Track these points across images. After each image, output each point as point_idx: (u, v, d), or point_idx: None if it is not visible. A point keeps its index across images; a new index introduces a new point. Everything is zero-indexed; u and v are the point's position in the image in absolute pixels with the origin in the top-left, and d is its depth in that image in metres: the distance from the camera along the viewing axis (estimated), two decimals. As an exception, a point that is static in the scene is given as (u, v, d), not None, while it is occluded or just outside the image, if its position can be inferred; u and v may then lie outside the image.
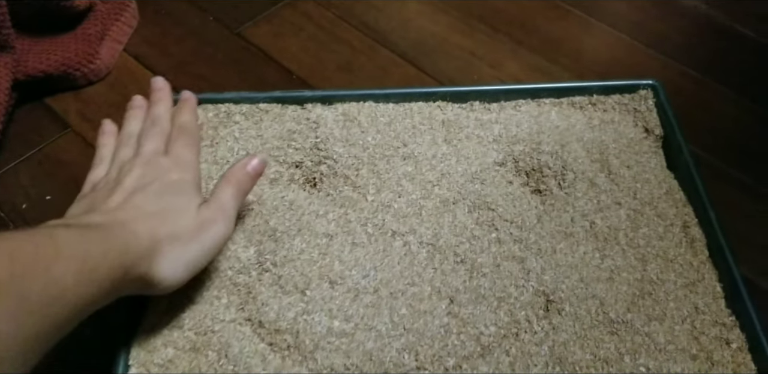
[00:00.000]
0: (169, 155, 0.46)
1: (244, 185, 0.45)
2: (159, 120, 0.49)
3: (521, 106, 0.59)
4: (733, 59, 0.71)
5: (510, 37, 0.73)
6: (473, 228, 0.51)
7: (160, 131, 0.48)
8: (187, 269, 0.40)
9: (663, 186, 0.54)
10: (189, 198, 0.43)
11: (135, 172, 0.44)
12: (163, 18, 0.73)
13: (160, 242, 0.39)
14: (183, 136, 0.48)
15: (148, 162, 0.45)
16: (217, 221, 0.42)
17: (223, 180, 0.45)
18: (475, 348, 0.44)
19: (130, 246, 0.37)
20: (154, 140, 0.47)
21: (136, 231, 0.38)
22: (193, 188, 0.44)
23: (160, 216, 0.40)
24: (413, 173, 0.53)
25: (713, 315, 0.46)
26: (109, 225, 0.38)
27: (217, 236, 0.42)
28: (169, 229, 0.40)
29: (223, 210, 0.43)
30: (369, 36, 0.72)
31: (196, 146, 0.48)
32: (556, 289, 0.47)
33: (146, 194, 0.42)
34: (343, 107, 0.57)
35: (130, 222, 0.39)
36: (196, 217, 0.42)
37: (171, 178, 0.44)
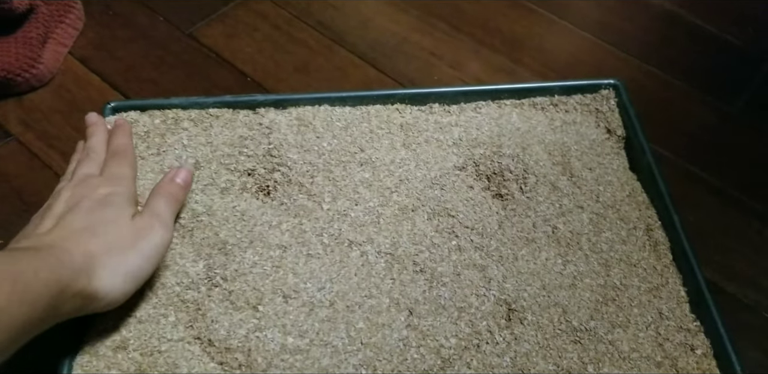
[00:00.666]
0: (101, 175, 0.46)
1: (175, 195, 0.45)
2: (93, 150, 0.48)
3: (482, 108, 0.58)
4: (697, 57, 0.71)
5: (472, 37, 0.72)
6: (433, 236, 0.49)
7: (94, 157, 0.48)
8: (129, 279, 0.39)
9: (626, 188, 0.53)
10: (121, 210, 0.42)
11: (64, 195, 0.43)
12: (110, 19, 0.70)
13: (95, 255, 0.38)
14: (116, 157, 0.47)
15: (78, 183, 0.44)
16: (154, 228, 0.41)
17: (152, 194, 0.45)
18: (435, 361, 0.43)
19: (64, 263, 0.36)
20: (87, 165, 0.47)
21: (68, 249, 0.37)
22: (125, 201, 0.43)
23: (91, 230, 0.40)
24: (371, 179, 0.52)
25: (677, 320, 0.46)
26: (40, 247, 0.37)
27: (156, 242, 0.41)
28: (102, 241, 0.39)
29: (159, 217, 0.42)
30: (327, 36, 0.70)
31: (129, 164, 0.47)
32: (518, 298, 0.46)
33: (76, 212, 0.41)
34: (297, 112, 0.55)
35: (62, 241, 0.38)
36: (131, 226, 0.41)
37: (100, 193, 0.43)
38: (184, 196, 0.46)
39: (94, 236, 0.39)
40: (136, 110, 0.54)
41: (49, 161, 0.57)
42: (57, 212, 0.42)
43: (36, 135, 0.59)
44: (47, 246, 0.37)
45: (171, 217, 0.44)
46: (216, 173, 0.51)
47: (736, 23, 0.74)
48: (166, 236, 0.42)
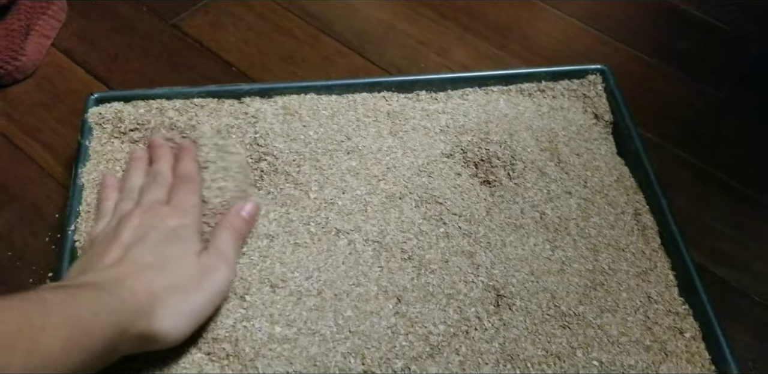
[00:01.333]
0: (169, 203, 0.45)
1: (240, 230, 0.45)
2: (160, 174, 0.47)
3: (469, 94, 0.58)
4: (684, 42, 0.71)
5: (457, 24, 0.71)
6: (421, 223, 0.49)
7: (162, 182, 0.47)
8: (191, 320, 0.39)
9: (613, 173, 0.52)
10: (188, 245, 0.41)
11: (132, 222, 0.42)
12: (93, 10, 0.69)
13: (159, 294, 0.37)
14: (183, 184, 0.46)
15: (147, 210, 0.44)
16: (219, 267, 0.41)
17: (218, 227, 0.44)
18: (423, 348, 0.42)
19: (127, 303, 0.35)
20: (155, 190, 0.46)
21: (132, 287, 0.37)
22: (192, 234, 0.43)
23: (158, 267, 0.39)
24: (358, 167, 0.51)
25: (666, 304, 0.46)
26: (103, 284, 0.36)
27: (219, 282, 0.41)
28: (167, 280, 0.38)
29: (224, 256, 0.42)
30: (312, 25, 0.70)
31: (196, 192, 0.46)
32: (506, 283, 0.45)
33: (143, 245, 0.40)
34: (283, 100, 0.55)
35: (127, 278, 0.37)
36: (196, 265, 0.40)
37: (169, 225, 0.42)
38: (248, 230, 0.46)
39: (159, 273, 0.38)
40: (120, 101, 0.53)
41: (33, 153, 0.57)
42: (124, 242, 0.41)
43: (19, 128, 0.59)
44: (111, 283, 0.36)
45: (235, 255, 0.43)
46: (201, 163, 0.50)
47: (722, 7, 0.73)
48: (229, 276, 0.41)
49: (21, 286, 0.49)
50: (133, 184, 0.48)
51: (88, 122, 0.52)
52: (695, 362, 0.43)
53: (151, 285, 0.37)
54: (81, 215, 0.47)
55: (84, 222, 0.47)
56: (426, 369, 0.42)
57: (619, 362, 0.42)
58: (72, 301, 0.33)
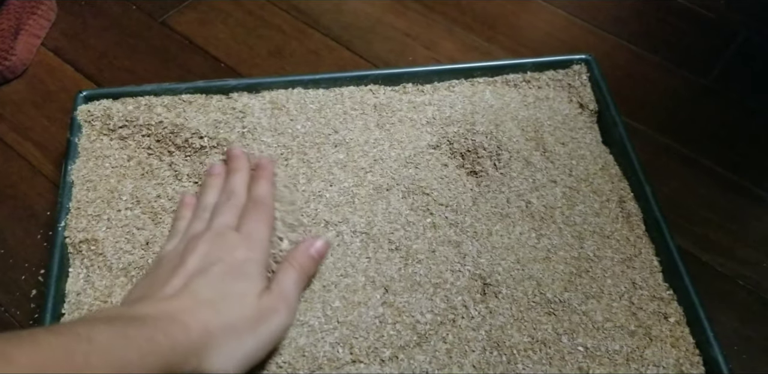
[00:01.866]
0: (239, 231, 0.43)
1: (307, 269, 0.43)
2: (234, 194, 0.46)
3: (455, 86, 0.58)
4: (669, 31, 0.71)
5: (445, 16, 0.72)
6: (408, 214, 0.49)
7: (235, 204, 0.46)
8: (242, 363, 0.37)
9: (598, 162, 0.53)
10: (252, 282, 0.40)
11: (200, 249, 0.41)
12: (82, 8, 0.70)
13: (214, 334, 0.36)
14: (256, 210, 0.45)
15: (216, 237, 0.42)
16: (279, 311, 0.40)
17: (285, 264, 0.43)
18: (411, 337, 0.43)
19: (179, 344, 0.34)
20: (227, 213, 0.45)
21: (187, 324, 0.36)
22: (258, 270, 0.41)
23: (217, 304, 0.38)
24: (345, 160, 0.52)
25: (651, 289, 0.46)
26: (158, 318, 0.35)
27: (277, 327, 0.39)
28: (224, 319, 0.37)
29: (286, 298, 0.41)
30: (300, 20, 0.70)
31: (268, 222, 0.45)
32: (492, 272, 0.46)
33: (206, 277, 0.39)
34: (270, 95, 0.55)
35: (183, 314, 0.36)
36: (257, 305, 0.39)
37: (237, 257, 0.41)
38: (315, 269, 0.45)
39: (217, 312, 0.37)
40: (109, 98, 0.54)
41: (24, 151, 0.57)
42: (189, 270, 0.40)
43: (10, 126, 0.59)
44: (166, 319, 0.35)
45: (298, 297, 0.42)
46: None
47: (709, -5, 0.74)
48: (288, 320, 0.40)
49: (14, 284, 0.50)
50: (206, 202, 0.47)
51: (77, 119, 0.52)
52: (679, 346, 0.43)
53: (206, 324, 0.36)
54: (71, 212, 0.47)
55: (74, 219, 0.47)
56: (413, 357, 0.42)
57: (604, 347, 0.43)
58: (120, 341, 0.32)
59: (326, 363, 0.41)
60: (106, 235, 0.46)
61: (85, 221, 0.47)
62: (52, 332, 0.31)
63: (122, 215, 0.48)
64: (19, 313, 0.48)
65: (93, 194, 0.49)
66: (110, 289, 0.44)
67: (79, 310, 0.43)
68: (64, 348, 0.30)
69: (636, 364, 0.42)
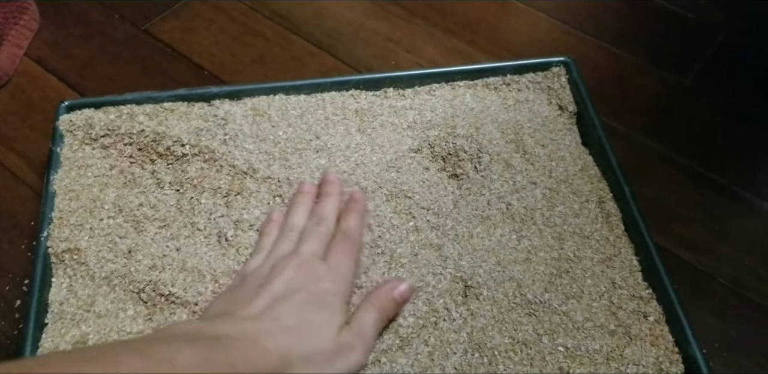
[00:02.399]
0: (326, 261, 0.43)
1: (388, 311, 0.43)
2: (324, 220, 0.46)
3: (436, 90, 0.59)
4: (649, 31, 0.72)
5: (427, 21, 0.72)
6: (391, 217, 0.50)
7: (324, 232, 0.46)
8: None
9: (578, 163, 0.53)
10: (333, 315, 0.40)
11: (286, 274, 0.41)
12: (65, 18, 0.70)
13: (291, 363, 0.36)
14: (345, 243, 0.45)
15: (303, 264, 0.42)
16: (356, 349, 0.39)
17: (367, 303, 0.43)
18: (393, 340, 0.43)
19: (257, 368, 0.35)
20: (315, 240, 0.45)
21: (267, 349, 0.36)
22: (340, 303, 0.41)
23: (298, 333, 0.38)
24: (327, 165, 0.52)
25: (630, 289, 0.47)
26: (239, 339, 0.36)
27: (352, 364, 0.39)
28: (303, 349, 0.37)
29: (364, 337, 0.40)
30: (282, 26, 0.70)
31: (355, 256, 0.45)
32: (473, 274, 0.46)
33: (290, 303, 0.39)
34: (252, 102, 0.56)
35: (264, 337, 0.36)
36: (335, 339, 0.39)
37: (321, 287, 0.41)
38: (395, 313, 0.44)
39: (297, 340, 0.37)
40: (90, 108, 0.54)
41: (7, 162, 0.57)
42: (273, 294, 0.40)
43: (-6, 138, 0.60)
44: (250, 340, 0.36)
45: (375, 337, 0.42)
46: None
47: (688, -5, 0.75)
48: (364, 360, 0.40)
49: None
50: (295, 223, 0.47)
51: (59, 129, 0.52)
52: (659, 345, 0.44)
53: (286, 352, 0.36)
54: (53, 222, 0.48)
55: (57, 228, 0.47)
56: (395, 360, 0.42)
57: (584, 347, 0.43)
58: (202, 366, 0.33)
59: (309, 368, 0.42)
60: (89, 244, 0.47)
61: (67, 230, 0.47)
62: (137, 352, 0.31)
63: (105, 224, 0.48)
64: (4, 323, 0.48)
65: (75, 203, 0.49)
66: (93, 298, 0.44)
67: (62, 320, 0.43)
68: (146, 371, 0.30)
69: (616, 363, 0.43)
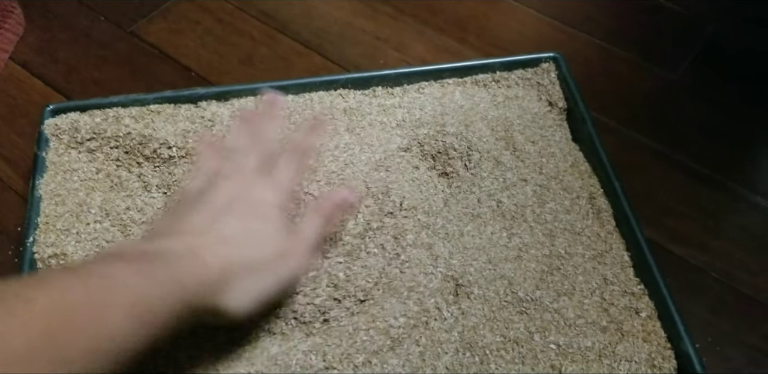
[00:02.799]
0: (268, 174, 0.43)
1: (330, 217, 0.43)
2: (266, 138, 0.45)
3: (425, 88, 0.58)
4: (638, 26, 0.71)
5: (415, 18, 0.72)
6: (381, 217, 0.49)
7: (264, 148, 0.45)
8: (256, 300, 0.37)
9: (568, 159, 0.53)
10: (273, 224, 0.40)
11: (224, 187, 0.41)
12: (50, 21, 0.69)
13: (233, 271, 0.36)
14: (294, 158, 0.45)
15: (243, 178, 0.42)
16: (298, 253, 0.40)
17: (310, 210, 0.43)
18: (384, 341, 0.43)
19: (199, 280, 0.35)
20: (255, 156, 0.44)
21: (208, 262, 0.36)
22: (279, 213, 0.41)
23: (238, 242, 0.38)
24: (315, 165, 0.52)
25: (622, 285, 0.46)
26: (181, 253, 0.35)
27: (295, 268, 0.39)
28: (244, 257, 0.37)
29: (306, 242, 0.41)
30: (270, 26, 0.70)
31: (299, 169, 0.45)
32: (464, 273, 0.46)
33: (231, 214, 0.39)
34: (239, 103, 0.55)
35: (205, 250, 0.36)
36: (277, 245, 0.39)
37: (261, 198, 0.41)
38: (338, 217, 0.44)
39: (239, 250, 0.37)
40: (76, 111, 0.54)
41: (-6, 167, 0.57)
42: (213, 207, 0.39)
43: (-20, 143, 0.59)
44: (189, 254, 0.35)
45: (318, 242, 0.42)
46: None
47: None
48: (305, 263, 0.41)
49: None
50: (234, 144, 0.45)
51: (45, 133, 0.52)
52: (651, 340, 0.44)
53: (227, 260, 0.36)
54: (39, 227, 0.47)
55: (43, 234, 0.47)
56: (387, 361, 0.42)
57: (576, 344, 0.43)
58: (140, 279, 0.32)
59: (299, 371, 0.41)
60: (75, 249, 0.46)
61: (53, 235, 0.47)
62: (69, 272, 0.31)
63: (91, 228, 0.48)
64: (-7, 330, 0.48)
65: (62, 208, 0.48)
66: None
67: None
68: (83, 286, 0.30)
69: (608, 360, 0.42)
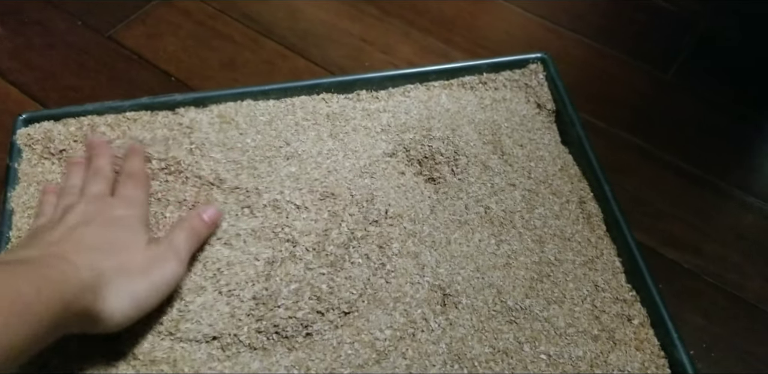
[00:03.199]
0: (115, 196, 0.44)
1: (198, 230, 0.44)
2: (101, 170, 0.46)
3: (410, 91, 0.57)
4: (628, 25, 0.70)
5: (401, 20, 0.70)
6: (366, 225, 0.48)
7: (104, 177, 0.46)
8: (134, 304, 0.37)
9: (557, 162, 0.52)
10: (135, 233, 0.41)
11: (78, 209, 0.41)
12: (26, 27, 0.68)
13: (104, 274, 0.36)
14: (130, 179, 0.46)
15: (92, 201, 0.43)
16: (169, 260, 0.40)
17: (176, 225, 0.43)
18: (370, 355, 0.42)
19: (70, 279, 0.34)
20: (98, 184, 0.45)
21: (75, 263, 0.36)
22: (140, 224, 0.42)
23: (104, 249, 0.38)
24: (297, 173, 0.50)
25: (613, 291, 0.45)
26: (45, 259, 0.36)
27: (168, 274, 0.40)
28: (114, 262, 0.37)
29: (175, 250, 0.41)
30: (253, 29, 0.68)
31: (144, 188, 0.46)
32: (452, 282, 0.45)
33: (90, 227, 0.40)
34: (218, 109, 0.54)
35: (70, 254, 0.36)
36: (145, 251, 0.40)
37: (116, 213, 0.42)
38: (207, 234, 0.45)
39: (106, 256, 0.37)
40: (50, 120, 0.52)
41: (-32, 178, 0.55)
42: (69, 223, 0.40)
43: (-46, 153, 0.57)
44: (54, 257, 0.36)
45: (188, 252, 0.42)
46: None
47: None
48: (178, 270, 0.40)
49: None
50: (73, 183, 0.46)
51: (17, 143, 0.50)
52: (644, 349, 0.42)
53: (96, 264, 0.36)
54: (11, 241, 0.46)
55: (15, 247, 0.45)
56: (372, 375, 0.41)
57: (567, 354, 0.42)
58: (12, 276, 0.32)
59: (281, 387, 0.40)
60: (49, 263, 0.45)
61: (26, 249, 0.45)
62: None
63: (65, 241, 0.46)
64: (-34, 348, 0.46)
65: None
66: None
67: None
68: None
69: (600, 370, 0.41)
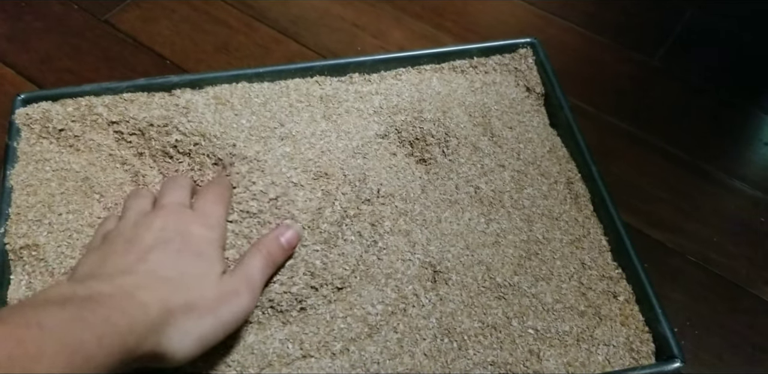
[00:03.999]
0: (194, 209, 0.42)
1: (275, 257, 0.42)
2: (180, 177, 0.45)
3: (402, 74, 0.58)
4: (616, 11, 0.71)
5: (393, 5, 0.71)
6: (358, 204, 0.49)
7: (184, 185, 0.44)
8: (200, 343, 0.36)
9: (546, 144, 0.53)
10: (211, 262, 0.39)
11: (155, 224, 0.39)
12: (22, 10, 0.68)
13: (173, 313, 0.35)
14: (212, 190, 0.43)
15: (169, 213, 0.40)
16: (240, 294, 0.38)
17: (253, 249, 0.41)
18: (362, 329, 0.43)
19: (136, 322, 0.32)
20: (178, 191, 0.43)
21: (145, 302, 0.34)
22: (216, 250, 0.40)
23: (176, 282, 0.36)
24: (292, 153, 0.51)
25: (600, 269, 0.46)
26: (113, 297, 0.33)
27: (238, 310, 0.38)
28: (184, 298, 0.36)
29: (249, 281, 0.39)
30: (246, 13, 0.69)
31: (225, 204, 0.43)
32: (442, 259, 0.46)
33: (164, 253, 0.37)
34: (214, 90, 0.54)
35: (140, 291, 0.34)
36: (217, 286, 0.38)
37: (194, 234, 0.39)
38: (283, 259, 0.42)
39: (177, 291, 0.36)
40: (48, 100, 0.53)
41: (-35, 159, 0.56)
42: (144, 244, 0.38)
43: (-49, 135, 0.58)
44: (122, 296, 0.33)
45: (262, 283, 0.40)
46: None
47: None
48: (250, 305, 0.39)
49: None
50: (149, 190, 0.45)
51: (16, 123, 0.51)
52: (629, 324, 0.44)
53: (165, 302, 0.35)
54: (11, 218, 0.46)
55: (14, 225, 0.46)
56: (364, 348, 0.42)
57: (554, 329, 0.43)
58: (74, 324, 0.30)
59: (276, 360, 0.41)
60: (48, 240, 0.45)
61: (25, 226, 0.46)
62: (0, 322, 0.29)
63: (63, 218, 0.47)
64: (-35, 323, 0.47)
65: (33, 198, 0.47)
66: (53, 295, 0.43)
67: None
68: (13, 337, 0.28)
69: (586, 344, 0.43)
